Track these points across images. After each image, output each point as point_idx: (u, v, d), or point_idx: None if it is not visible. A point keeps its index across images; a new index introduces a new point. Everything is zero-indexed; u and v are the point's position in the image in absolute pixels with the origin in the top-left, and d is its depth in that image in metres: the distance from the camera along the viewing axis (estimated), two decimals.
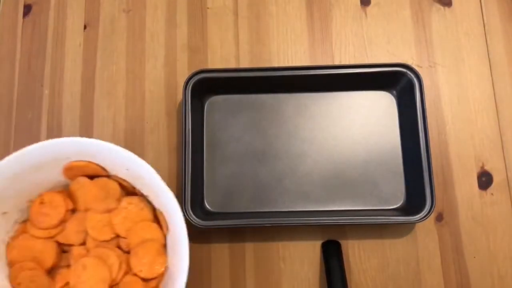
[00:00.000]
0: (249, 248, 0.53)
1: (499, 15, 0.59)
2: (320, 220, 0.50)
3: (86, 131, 0.57)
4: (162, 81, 0.58)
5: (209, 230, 0.43)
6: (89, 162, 0.47)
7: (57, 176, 0.47)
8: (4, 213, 0.45)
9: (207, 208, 0.53)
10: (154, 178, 0.43)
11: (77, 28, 0.61)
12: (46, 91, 0.59)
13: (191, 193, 0.50)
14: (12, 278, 0.45)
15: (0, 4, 0.62)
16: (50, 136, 0.57)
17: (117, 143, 0.55)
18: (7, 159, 0.43)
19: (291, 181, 0.53)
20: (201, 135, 0.55)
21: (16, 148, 0.56)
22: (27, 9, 0.61)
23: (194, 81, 0.53)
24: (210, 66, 0.58)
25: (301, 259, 0.52)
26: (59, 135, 0.57)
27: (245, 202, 0.53)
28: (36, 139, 0.57)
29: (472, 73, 0.57)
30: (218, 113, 0.56)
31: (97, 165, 0.47)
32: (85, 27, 0.61)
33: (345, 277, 0.49)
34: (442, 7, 0.60)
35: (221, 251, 0.53)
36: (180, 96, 0.56)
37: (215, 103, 0.56)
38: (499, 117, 0.56)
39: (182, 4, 0.61)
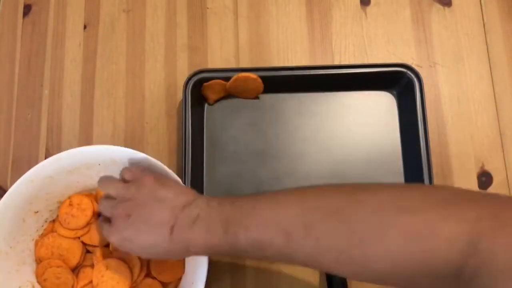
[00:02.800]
0: None
1: (499, 15, 0.59)
2: None
3: (86, 131, 0.57)
4: (162, 81, 0.58)
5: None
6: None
7: (86, 180, 0.49)
8: (36, 212, 0.47)
9: None
10: None
11: (77, 28, 0.61)
12: (46, 91, 0.59)
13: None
14: (38, 274, 0.47)
15: (0, 4, 0.62)
16: (50, 136, 0.57)
17: (117, 143, 0.56)
18: (44, 162, 0.45)
19: (291, 181, 0.53)
20: (201, 135, 0.55)
21: (15, 148, 0.57)
22: (27, 9, 0.61)
23: (194, 81, 0.53)
24: (210, 66, 0.58)
25: None
26: (59, 135, 0.57)
27: None
28: (36, 139, 0.57)
29: (472, 73, 0.57)
30: (218, 113, 0.56)
31: None
32: (85, 27, 0.61)
33: (345, 277, 0.49)
34: (442, 7, 0.60)
35: None
36: (180, 96, 0.56)
37: (215, 103, 0.56)
38: (499, 117, 0.56)
39: (182, 4, 0.61)
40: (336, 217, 0.31)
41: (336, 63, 0.58)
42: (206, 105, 0.56)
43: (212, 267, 0.52)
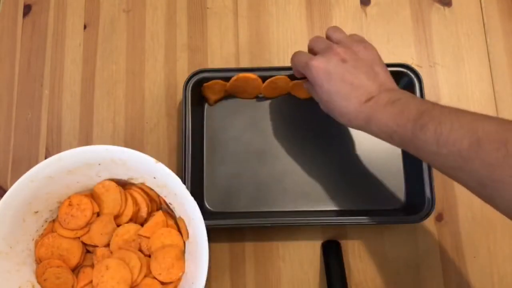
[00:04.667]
0: (249, 248, 0.53)
1: (499, 15, 0.59)
2: (320, 220, 0.50)
3: (86, 131, 0.57)
4: (162, 81, 0.58)
5: (209, 230, 0.43)
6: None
7: (86, 180, 0.49)
8: (36, 212, 0.47)
9: (207, 207, 0.53)
10: (180, 187, 0.44)
11: (77, 28, 0.61)
12: (46, 91, 0.59)
13: (191, 193, 0.50)
14: (38, 274, 0.47)
15: (0, 4, 0.62)
16: (50, 136, 0.57)
17: (117, 143, 0.56)
18: (45, 162, 0.45)
19: (291, 181, 0.53)
20: (201, 135, 0.55)
21: (15, 148, 0.57)
22: (27, 9, 0.61)
23: (194, 81, 0.53)
24: (210, 66, 0.58)
25: (301, 259, 0.52)
26: (59, 135, 0.57)
27: (245, 202, 0.53)
28: (36, 139, 0.57)
29: (472, 73, 0.57)
30: (218, 113, 0.56)
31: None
32: (85, 27, 0.61)
33: (345, 277, 0.49)
34: (442, 7, 0.60)
35: (221, 251, 0.53)
36: (180, 96, 0.56)
37: (215, 103, 0.56)
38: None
39: (182, 4, 0.61)
40: None
41: None
42: (206, 105, 0.56)
43: (212, 267, 0.52)
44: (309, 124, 0.55)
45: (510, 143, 0.31)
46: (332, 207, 0.52)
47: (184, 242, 0.48)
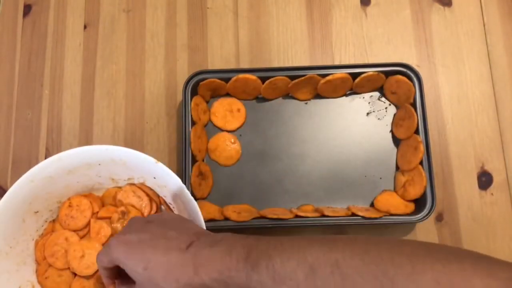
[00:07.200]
0: None
1: (499, 15, 0.59)
2: (320, 220, 0.50)
3: (86, 131, 0.57)
4: (162, 81, 0.58)
5: (209, 230, 0.42)
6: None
7: (86, 180, 0.49)
8: (36, 212, 0.48)
9: None
10: (180, 187, 0.44)
11: (77, 28, 0.61)
12: (46, 91, 0.59)
13: (191, 193, 0.50)
14: (40, 273, 0.48)
15: (0, 4, 0.62)
16: (50, 136, 0.57)
17: (117, 143, 0.56)
18: (45, 162, 0.45)
19: (291, 181, 0.53)
20: None
21: (15, 148, 0.57)
22: (27, 9, 0.61)
23: (194, 81, 0.53)
24: (210, 66, 0.58)
25: None
26: (59, 135, 0.57)
27: (245, 202, 0.53)
28: (36, 139, 0.57)
29: (472, 73, 0.57)
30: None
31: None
32: (85, 27, 0.61)
33: None
34: (442, 7, 0.60)
35: None
36: (180, 96, 0.56)
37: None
38: (499, 117, 0.56)
39: (182, 4, 0.61)
40: (367, 257, 0.30)
41: (336, 63, 0.58)
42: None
43: None
44: (309, 124, 0.55)
45: (341, 263, 0.31)
46: (332, 207, 0.52)
47: None
